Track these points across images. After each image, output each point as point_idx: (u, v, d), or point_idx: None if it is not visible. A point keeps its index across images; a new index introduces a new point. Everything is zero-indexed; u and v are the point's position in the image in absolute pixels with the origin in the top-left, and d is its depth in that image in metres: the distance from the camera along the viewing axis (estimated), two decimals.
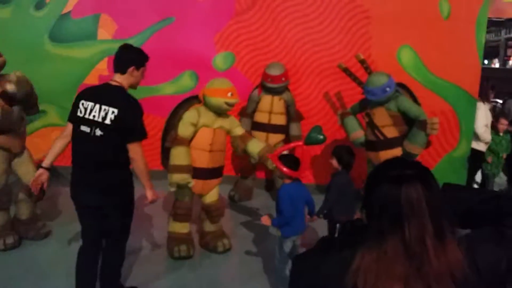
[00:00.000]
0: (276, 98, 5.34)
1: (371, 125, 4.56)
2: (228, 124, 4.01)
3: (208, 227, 4.21)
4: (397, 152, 4.45)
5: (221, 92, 3.83)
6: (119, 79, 3.00)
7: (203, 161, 3.88)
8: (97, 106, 2.87)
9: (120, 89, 2.98)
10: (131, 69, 2.99)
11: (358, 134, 4.68)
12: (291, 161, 3.41)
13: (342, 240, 1.41)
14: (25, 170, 4.13)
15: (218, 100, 3.82)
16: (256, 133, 5.37)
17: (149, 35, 5.97)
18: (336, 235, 1.50)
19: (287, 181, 3.40)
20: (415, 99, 4.65)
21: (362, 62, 4.78)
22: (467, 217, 1.32)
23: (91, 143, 2.87)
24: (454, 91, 5.53)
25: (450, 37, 5.41)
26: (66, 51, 6.07)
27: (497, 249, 1.18)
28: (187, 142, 3.83)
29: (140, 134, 2.95)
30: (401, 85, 4.65)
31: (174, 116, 4.07)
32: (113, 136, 2.86)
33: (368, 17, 5.55)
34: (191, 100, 4.15)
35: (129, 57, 3.03)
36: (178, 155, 3.80)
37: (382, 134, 4.51)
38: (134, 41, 5.95)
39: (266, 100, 5.36)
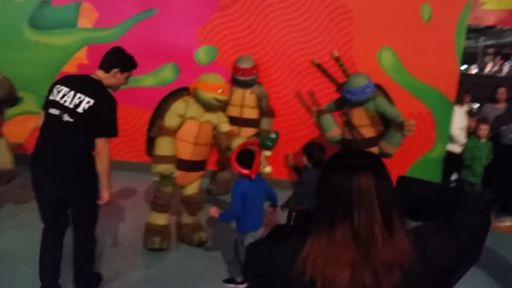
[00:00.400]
0: (247, 91, 5.35)
1: (349, 125, 4.61)
2: (216, 119, 3.98)
3: (185, 219, 4.19)
4: (373, 151, 4.50)
5: (212, 87, 3.81)
6: (101, 76, 3.00)
7: (186, 153, 3.87)
8: (72, 92, 2.84)
9: (99, 83, 2.97)
10: (115, 70, 3.00)
11: (334, 132, 4.71)
12: (248, 158, 3.40)
13: (295, 228, 1.42)
14: (0, 157, 4.13)
15: (207, 95, 3.80)
16: None
17: (130, 25, 5.92)
18: (291, 223, 1.49)
19: (244, 178, 3.40)
20: (389, 100, 4.72)
21: (337, 59, 4.84)
22: (419, 210, 1.34)
23: (58, 127, 2.84)
24: (432, 94, 5.62)
25: (430, 40, 5.49)
26: (45, 38, 5.97)
27: (447, 241, 1.20)
28: (173, 132, 3.81)
29: (111, 130, 2.92)
30: (377, 86, 4.71)
31: (162, 106, 4.02)
32: (83, 126, 2.83)
33: (351, 17, 5.60)
34: (181, 92, 4.09)
35: (117, 59, 3.05)
36: (163, 146, 3.77)
37: (359, 133, 4.56)
38: (115, 31, 5.91)
39: (238, 94, 5.36)
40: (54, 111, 2.84)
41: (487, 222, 1.29)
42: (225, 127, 4.03)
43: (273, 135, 3.47)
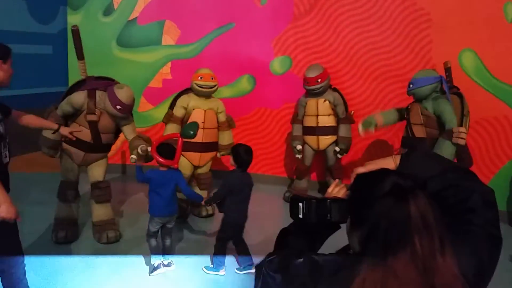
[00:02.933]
0: (320, 100, 5.36)
1: (407, 121, 4.58)
2: (216, 106, 4.88)
3: None
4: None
5: (195, 76, 4.76)
6: None
7: (198, 136, 4.49)
8: None
9: None
10: None
11: (377, 116, 4.77)
12: (167, 150, 3.65)
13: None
14: (98, 171, 4.33)
15: (192, 83, 4.76)
16: (307, 138, 5.48)
17: (210, 40, 6.21)
18: (300, 215, 1.30)
19: (162, 168, 3.64)
20: (462, 110, 4.44)
21: (447, 70, 4.73)
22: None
23: None
24: None
25: None
26: (132, 55, 6.42)
27: (477, 251, 1.15)
28: (179, 120, 4.78)
29: None
30: (458, 94, 4.57)
31: (175, 101, 4.95)
32: None
33: (429, 20, 5.47)
34: (189, 90, 4.94)
35: None
36: (170, 130, 4.69)
37: (411, 131, 4.48)
38: (195, 46, 6.25)
39: (311, 103, 5.39)
40: None
41: (497, 213, 1.24)
42: (221, 117, 4.93)
43: (193, 125, 3.84)
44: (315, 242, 1.39)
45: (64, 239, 4.13)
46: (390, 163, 1.36)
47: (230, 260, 3.90)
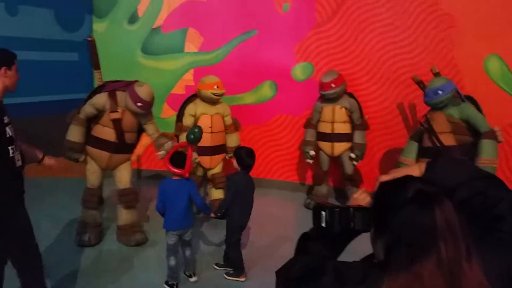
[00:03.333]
0: (337, 107, 5.32)
1: (430, 131, 4.46)
2: (222, 110, 5.12)
3: (215, 195, 5.18)
4: None
5: (208, 85, 4.94)
6: None
7: (207, 140, 4.85)
8: None
9: None
10: (2, 70, 2.73)
11: (406, 160, 4.65)
12: (179, 159, 3.60)
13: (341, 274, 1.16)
14: (124, 177, 4.39)
15: (207, 92, 4.93)
16: (321, 144, 5.46)
17: (232, 47, 6.25)
18: (323, 224, 1.28)
19: (175, 177, 3.58)
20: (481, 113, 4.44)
21: (436, 75, 4.68)
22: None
23: None
24: None
25: None
26: (156, 63, 6.51)
27: (505, 258, 1.13)
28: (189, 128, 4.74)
29: None
30: (468, 98, 4.51)
31: (181, 111, 5.16)
32: None
33: (454, 25, 5.39)
34: (192, 97, 5.18)
35: None
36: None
37: (438, 140, 4.39)
38: (218, 53, 6.29)
39: (328, 109, 5.36)
40: None
41: None
42: (228, 120, 5.16)
43: (196, 129, 3.73)
44: (337, 247, 1.39)
45: (88, 242, 4.22)
46: (415, 170, 1.35)
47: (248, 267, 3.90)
